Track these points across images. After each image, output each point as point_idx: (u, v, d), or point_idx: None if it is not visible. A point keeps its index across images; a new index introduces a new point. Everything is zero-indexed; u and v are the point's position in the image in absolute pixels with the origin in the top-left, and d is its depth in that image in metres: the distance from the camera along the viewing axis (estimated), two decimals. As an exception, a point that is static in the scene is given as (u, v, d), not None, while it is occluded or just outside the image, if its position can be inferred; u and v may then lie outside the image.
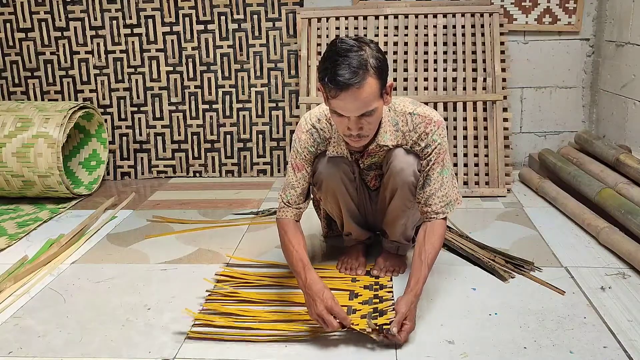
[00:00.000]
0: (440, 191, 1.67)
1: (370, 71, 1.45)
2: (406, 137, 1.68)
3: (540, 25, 2.96)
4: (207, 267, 1.96)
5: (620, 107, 2.77)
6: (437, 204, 1.67)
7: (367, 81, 1.45)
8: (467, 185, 2.73)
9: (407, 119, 1.67)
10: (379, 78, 1.48)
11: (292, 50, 3.05)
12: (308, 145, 1.72)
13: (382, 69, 1.49)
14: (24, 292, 1.83)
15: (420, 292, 1.57)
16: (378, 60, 1.47)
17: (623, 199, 2.18)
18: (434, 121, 1.65)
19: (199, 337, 1.53)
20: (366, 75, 1.45)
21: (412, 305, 1.52)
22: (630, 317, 1.59)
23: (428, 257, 1.60)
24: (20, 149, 2.64)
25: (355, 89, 1.44)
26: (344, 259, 1.95)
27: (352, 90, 1.44)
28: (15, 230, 2.38)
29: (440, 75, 2.85)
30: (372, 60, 1.46)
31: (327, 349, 1.48)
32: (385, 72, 1.51)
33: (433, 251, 1.62)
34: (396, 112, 1.67)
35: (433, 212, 1.67)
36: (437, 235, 1.66)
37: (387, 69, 1.52)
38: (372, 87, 1.46)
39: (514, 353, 1.44)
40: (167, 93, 3.13)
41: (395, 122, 1.67)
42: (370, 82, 1.46)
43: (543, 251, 2.05)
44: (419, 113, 1.66)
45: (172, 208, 2.65)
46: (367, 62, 1.45)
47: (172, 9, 3.03)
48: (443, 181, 1.67)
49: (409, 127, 1.67)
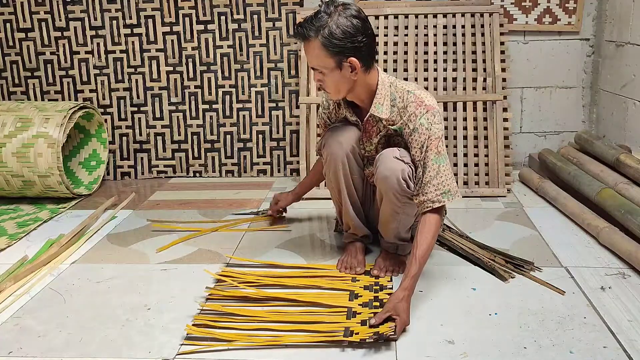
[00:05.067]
0: (436, 179, 1.66)
1: (319, 37, 1.60)
2: (400, 114, 1.72)
3: (540, 25, 2.96)
4: (207, 267, 1.96)
5: (620, 107, 2.77)
6: (433, 191, 1.65)
7: (312, 42, 1.61)
8: (467, 185, 2.73)
9: (403, 96, 1.72)
10: (326, 48, 1.60)
11: (292, 50, 3.05)
12: (322, 107, 1.95)
13: (335, 41, 1.59)
14: (24, 292, 1.83)
15: (411, 286, 1.57)
16: (335, 33, 1.59)
17: (623, 199, 2.18)
18: (425, 104, 1.68)
19: (199, 337, 1.53)
20: (314, 36, 1.60)
21: (401, 300, 1.52)
22: (630, 317, 1.59)
23: (419, 252, 1.60)
24: (20, 149, 2.64)
25: (303, 41, 1.64)
26: (343, 258, 1.95)
27: (302, 42, 1.65)
28: (15, 230, 2.38)
29: (440, 75, 2.85)
30: (328, 29, 1.59)
31: (327, 349, 1.48)
32: (341, 46, 1.60)
33: (425, 245, 1.62)
34: (397, 88, 1.74)
35: (429, 200, 1.66)
36: (430, 228, 1.64)
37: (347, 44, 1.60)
38: (315, 49, 1.62)
39: (514, 353, 1.44)
40: (167, 93, 3.13)
41: (393, 97, 1.73)
42: (315, 45, 1.61)
43: (543, 251, 2.05)
44: (415, 93, 1.71)
45: (172, 208, 2.65)
46: (323, 27, 1.59)
47: (172, 9, 3.03)
48: (439, 169, 1.66)
49: (403, 104, 1.72)
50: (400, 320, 1.49)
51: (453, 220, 2.31)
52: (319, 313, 1.65)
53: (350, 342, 1.48)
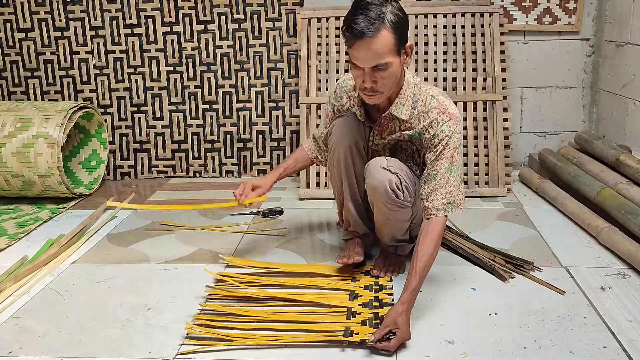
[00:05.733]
0: (445, 188, 1.63)
1: (386, 24, 1.49)
2: (420, 118, 1.68)
3: (540, 25, 2.96)
4: (207, 267, 1.95)
5: (620, 107, 2.77)
6: (439, 200, 1.63)
7: (381, 32, 1.48)
8: (467, 185, 2.73)
9: (426, 100, 1.67)
10: (395, 33, 1.51)
11: (292, 50, 3.05)
12: (332, 97, 1.89)
13: (400, 25, 1.51)
14: (24, 292, 1.83)
15: (411, 300, 1.52)
16: (397, 17, 1.51)
17: (623, 199, 2.18)
18: (449, 112, 1.64)
19: (199, 337, 1.53)
20: (381, 27, 1.48)
21: (400, 313, 1.47)
22: (630, 317, 1.59)
23: (419, 265, 1.55)
24: (20, 149, 2.64)
25: (369, 37, 1.48)
26: (342, 252, 1.95)
27: (366, 39, 1.48)
28: (15, 230, 2.38)
29: (440, 75, 2.85)
30: (390, 15, 1.50)
31: (327, 350, 1.48)
32: (404, 30, 1.53)
33: (426, 257, 1.57)
34: (420, 90, 1.69)
35: (434, 207, 1.63)
36: (432, 237, 1.60)
37: (407, 27, 1.55)
38: (386, 39, 1.50)
39: (514, 353, 1.44)
40: (167, 93, 3.13)
41: (415, 99, 1.68)
42: (385, 34, 1.49)
43: (543, 251, 2.05)
44: (439, 99, 1.66)
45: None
46: (384, 15, 1.49)
47: (172, 9, 3.03)
48: (449, 179, 1.63)
49: (425, 108, 1.67)
50: (399, 334, 1.44)
51: (453, 220, 2.31)
52: (319, 313, 1.65)
53: (350, 342, 1.48)
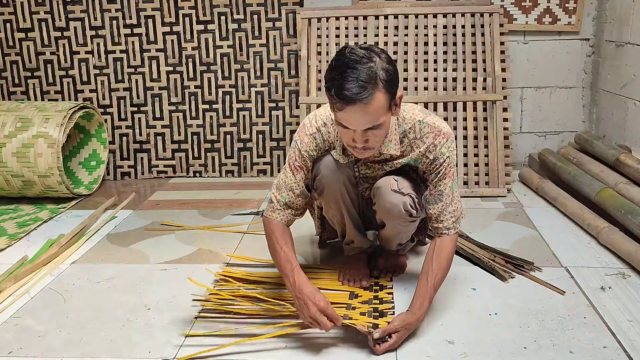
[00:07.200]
0: (451, 206, 1.61)
1: (379, 85, 1.37)
2: (412, 146, 1.61)
3: (540, 25, 2.96)
4: (207, 267, 1.95)
5: (620, 107, 2.77)
6: (449, 219, 1.61)
7: (375, 96, 1.37)
8: (467, 185, 2.73)
9: (415, 127, 1.59)
10: (388, 92, 1.40)
11: (292, 50, 3.05)
12: (309, 150, 1.63)
13: (391, 82, 1.40)
14: (24, 292, 1.83)
15: (423, 318, 1.52)
16: (388, 72, 1.39)
17: (623, 199, 2.18)
18: (443, 133, 1.58)
19: (199, 337, 1.53)
20: (375, 90, 1.36)
21: (408, 327, 1.48)
22: (630, 317, 1.59)
23: (435, 279, 1.55)
24: (20, 149, 2.64)
25: (363, 104, 1.36)
26: (347, 270, 1.87)
27: (359, 105, 1.36)
28: (15, 230, 2.38)
29: (440, 75, 2.85)
30: (381, 72, 1.37)
31: (327, 349, 1.48)
32: (395, 85, 1.42)
33: (441, 272, 1.57)
34: (405, 119, 1.60)
35: (445, 227, 1.61)
36: (446, 254, 1.59)
37: (397, 81, 1.43)
38: (380, 101, 1.38)
39: (514, 353, 1.44)
40: (167, 93, 3.13)
41: (402, 129, 1.60)
42: (379, 97, 1.37)
43: (543, 251, 2.05)
44: (428, 122, 1.59)
45: (172, 208, 2.65)
46: (376, 76, 1.37)
47: (172, 9, 3.03)
48: (453, 197, 1.62)
49: (416, 135, 1.59)
50: (393, 342, 1.45)
51: (453, 220, 2.31)
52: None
53: (349, 333, 1.48)
